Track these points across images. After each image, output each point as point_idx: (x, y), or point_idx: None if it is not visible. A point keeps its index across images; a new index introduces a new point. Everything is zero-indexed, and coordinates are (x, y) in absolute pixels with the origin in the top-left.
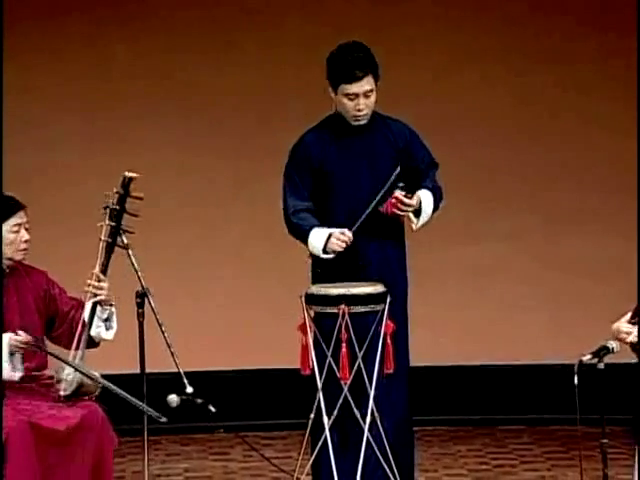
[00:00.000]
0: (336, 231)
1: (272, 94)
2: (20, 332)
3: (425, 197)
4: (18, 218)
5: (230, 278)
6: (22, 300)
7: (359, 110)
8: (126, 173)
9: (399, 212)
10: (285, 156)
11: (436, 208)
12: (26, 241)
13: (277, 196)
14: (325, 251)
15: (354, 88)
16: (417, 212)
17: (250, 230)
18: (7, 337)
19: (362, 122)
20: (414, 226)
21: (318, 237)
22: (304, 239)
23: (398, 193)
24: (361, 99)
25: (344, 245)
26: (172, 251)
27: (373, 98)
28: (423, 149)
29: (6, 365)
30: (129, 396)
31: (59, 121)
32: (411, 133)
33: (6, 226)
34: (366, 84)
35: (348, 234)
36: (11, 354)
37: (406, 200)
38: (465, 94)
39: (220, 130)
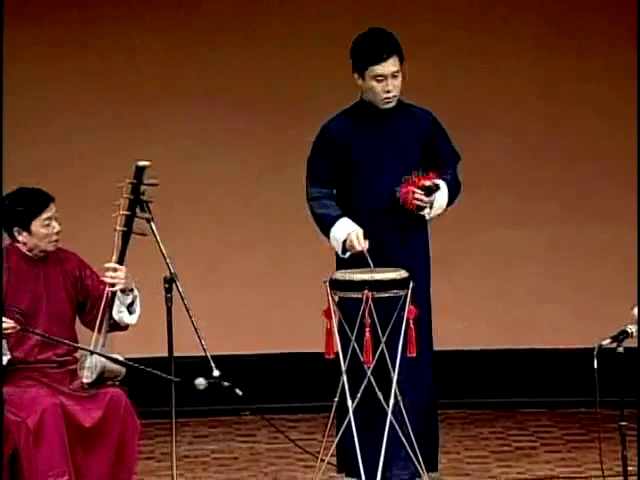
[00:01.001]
0: (352, 236)
1: (295, 84)
2: (4, 318)
3: (441, 189)
4: (49, 211)
5: (257, 264)
6: (51, 287)
7: (388, 92)
8: (138, 162)
9: (410, 203)
10: (307, 144)
11: (451, 201)
12: (57, 232)
13: (302, 183)
14: (344, 251)
15: (382, 69)
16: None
17: (276, 217)
18: None
19: (392, 104)
20: (427, 216)
21: (338, 236)
22: (325, 233)
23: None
24: (389, 80)
25: (357, 253)
26: (199, 238)
27: (400, 80)
28: (445, 139)
29: None
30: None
31: (80, 111)
32: (435, 122)
33: (38, 221)
34: (392, 65)
35: (358, 248)
36: None
37: (425, 198)
38: (485, 84)
39: (244, 119)
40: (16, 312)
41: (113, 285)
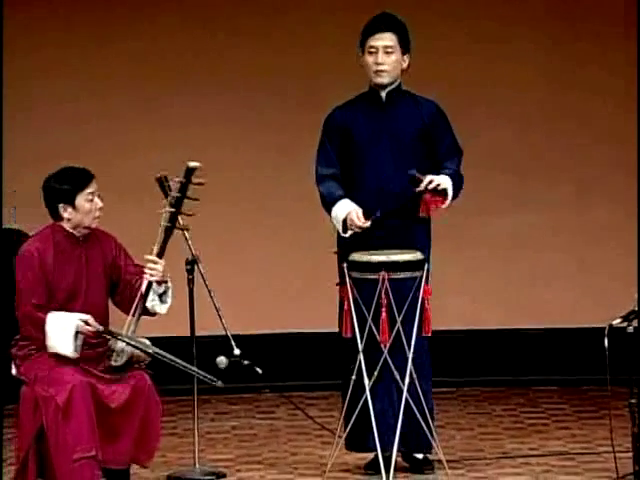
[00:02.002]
0: (353, 214)
1: (310, 72)
2: (90, 320)
3: (447, 182)
4: (91, 187)
5: (276, 247)
6: (91, 267)
7: (378, 64)
8: (189, 163)
9: (438, 201)
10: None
11: (455, 195)
12: (100, 209)
13: None
14: (345, 229)
15: (374, 41)
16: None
17: (294, 202)
18: (77, 319)
19: (383, 80)
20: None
21: (339, 214)
22: (328, 211)
23: (428, 194)
24: (380, 53)
25: (358, 230)
26: (221, 221)
27: (395, 58)
28: (448, 132)
29: (70, 343)
30: (182, 362)
31: (119, 94)
32: (440, 112)
33: (82, 196)
34: (387, 40)
35: (358, 223)
36: (76, 334)
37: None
38: (500, 71)
39: (268, 106)
40: (64, 290)
41: (151, 276)
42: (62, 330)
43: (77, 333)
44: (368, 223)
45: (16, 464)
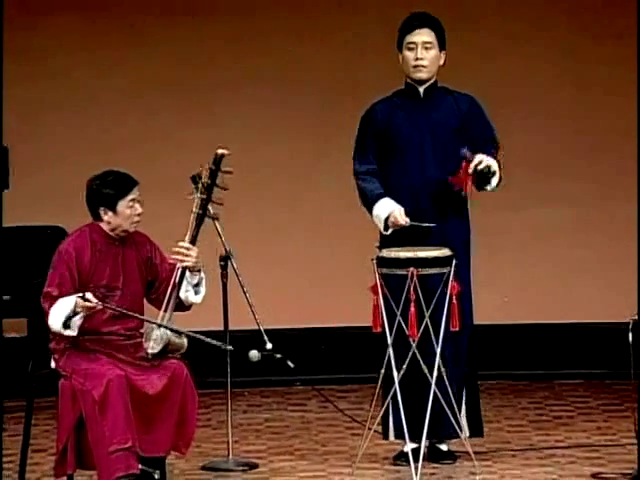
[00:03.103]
0: (395, 212)
1: (353, 68)
2: (88, 295)
3: (494, 165)
4: (133, 194)
5: (308, 243)
6: (127, 266)
7: (417, 59)
8: (218, 150)
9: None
10: (354, 132)
11: (499, 182)
12: (139, 214)
13: (348, 168)
14: (386, 227)
15: (413, 37)
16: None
17: (326, 198)
18: (74, 298)
19: (422, 75)
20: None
21: (381, 213)
22: (368, 209)
23: (471, 178)
24: (419, 48)
25: (399, 227)
26: (254, 218)
27: (433, 54)
28: (485, 123)
29: (60, 321)
30: (207, 339)
31: (156, 95)
32: (477, 105)
33: (123, 202)
34: (425, 35)
35: (401, 222)
36: (75, 314)
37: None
38: (517, 70)
39: (301, 102)
40: (100, 287)
41: (183, 262)
42: (61, 307)
43: (77, 313)
44: (408, 220)
45: (56, 454)
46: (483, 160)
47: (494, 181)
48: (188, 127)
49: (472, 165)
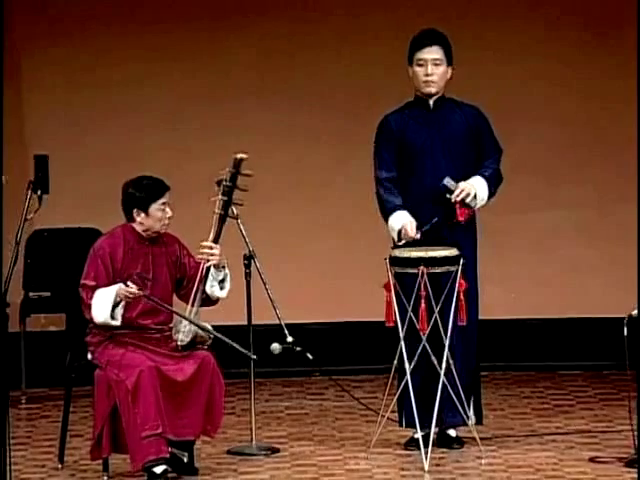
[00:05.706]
0: (407, 226)
1: (367, 87)
2: (130, 283)
3: (480, 185)
4: (165, 198)
5: (326, 244)
6: (156, 264)
7: (427, 75)
8: (237, 155)
9: (467, 212)
10: (372, 141)
11: (492, 194)
12: (169, 217)
13: (367, 174)
14: (399, 239)
15: (423, 54)
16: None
17: (344, 202)
18: (118, 287)
19: (432, 89)
20: (474, 206)
21: (395, 225)
22: (385, 219)
23: (458, 205)
24: (429, 65)
25: (410, 240)
26: (275, 219)
27: (442, 70)
28: (489, 133)
29: (107, 311)
30: (233, 343)
31: (185, 106)
32: (481, 115)
33: (155, 205)
34: (435, 53)
35: (411, 234)
36: (117, 304)
37: (467, 202)
38: (530, 82)
39: (324, 107)
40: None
41: (208, 261)
42: (103, 298)
43: (119, 303)
44: (419, 235)
45: (92, 439)
46: (464, 189)
47: (480, 201)
48: (216, 135)
49: (453, 197)
